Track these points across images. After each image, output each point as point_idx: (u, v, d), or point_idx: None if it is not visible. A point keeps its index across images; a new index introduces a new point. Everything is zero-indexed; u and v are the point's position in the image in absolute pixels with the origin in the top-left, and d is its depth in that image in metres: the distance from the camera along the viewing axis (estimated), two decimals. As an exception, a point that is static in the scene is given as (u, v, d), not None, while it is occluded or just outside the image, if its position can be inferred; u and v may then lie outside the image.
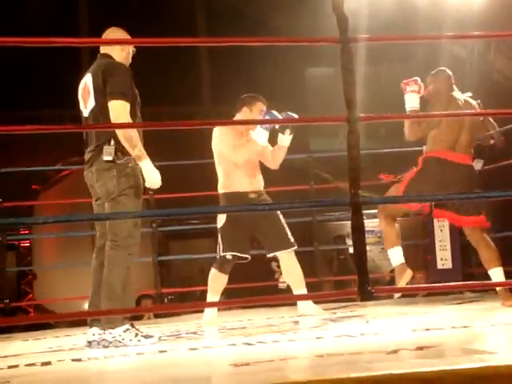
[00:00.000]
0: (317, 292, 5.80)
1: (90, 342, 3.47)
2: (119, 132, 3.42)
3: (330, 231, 9.37)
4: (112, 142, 3.44)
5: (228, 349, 3.05)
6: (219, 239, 4.42)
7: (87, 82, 3.57)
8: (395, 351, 2.37)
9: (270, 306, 5.30)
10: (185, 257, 8.53)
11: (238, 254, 4.39)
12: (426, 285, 5.67)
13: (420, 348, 2.43)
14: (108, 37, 3.65)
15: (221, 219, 4.42)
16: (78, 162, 9.74)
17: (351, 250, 8.23)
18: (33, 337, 4.66)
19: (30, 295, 9.90)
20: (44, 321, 6.57)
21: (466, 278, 5.50)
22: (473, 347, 2.42)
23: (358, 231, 2.43)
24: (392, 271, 8.80)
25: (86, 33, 10.19)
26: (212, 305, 4.47)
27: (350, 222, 2.45)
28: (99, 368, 2.84)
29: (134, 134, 3.42)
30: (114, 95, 3.42)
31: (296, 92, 10.29)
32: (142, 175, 3.50)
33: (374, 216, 9.36)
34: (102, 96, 3.46)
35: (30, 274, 10.00)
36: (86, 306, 9.65)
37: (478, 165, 5.49)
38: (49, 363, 3.00)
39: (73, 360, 3.04)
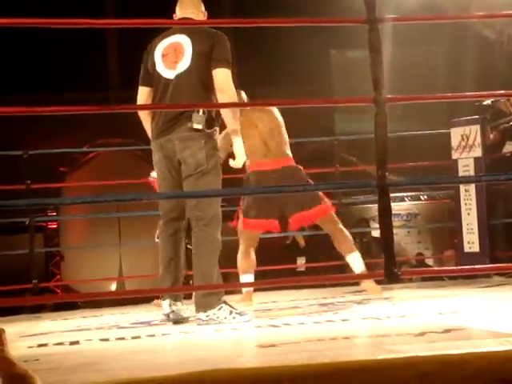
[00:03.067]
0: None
1: (167, 315, 3.44)
2: (225, 101, 3.32)
3: (353, 214, 9.34)
4: (201, 111, 3.31)
5: (254, 330, 3.07)
6: None
7: (182, 42, 3.41)
8: (422, 334, 2.36)
9: (293, 287, 5.30)
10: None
11: None
12: (452, 267, 5.64)
13: (447, 331, 2.41)
14: (186, 4, 3.56)
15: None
16: (104, 144, 9.88)
17: (375, 234, 8.30)
18: (61, 317, 4.72)
19: (58, 276, 10.02)
20: (76, 300, 6.66)
21: (493, 262, 5.46)
22: (500, 330, 2.40)
23: (385, 214, 2.42)
24: (418, 254, 8.80)
25: (111, 14, 10.18)
26: (241, 285, 4.46)
27: (374, 205, 2.45)
28: (126, 348, 2.86)
29: None
30: (223, 63, 3.34)
31: (321, 74, 10.22)
32: None
33: (400, 199, 9.37)
34: (204, 60, 3.35)
35: (57, 255, 10.10)
36: (112, 287, 9.75)
37: (509, 147, 5.44)
38: (77, 342, 3.04)
39: (100, 340, 3.07)
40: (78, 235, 10.18)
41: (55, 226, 10.17)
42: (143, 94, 3.50)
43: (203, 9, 3.60)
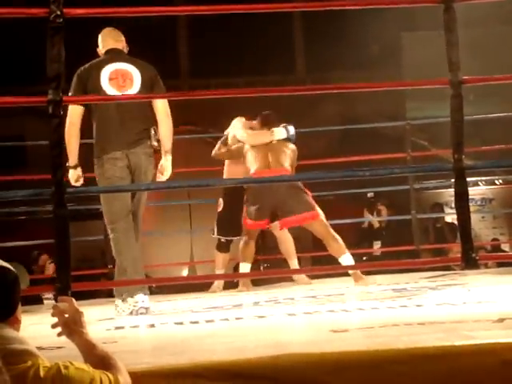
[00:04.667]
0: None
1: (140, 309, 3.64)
2: (167, 124, 3.85)
3: (426, 199, 9.19)
4: (153, 131, 3.85)
5: (326, 315, 3.06)
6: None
7: (129, 70, 3.85)
8: (501, 320, 2.30)
9: (366, 273, 5.26)
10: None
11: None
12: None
13: (527, 317, 2.35)
14: (119, 37, 3.98)
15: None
16: (174, 131, 9.97)
17: (448, 219, 8.12)
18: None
19: (131, 262, 10.20)
20: (150, 284, 6.75)
21: None
22: None
23: (462, 197, 2.38)
24: (493, 240, 8.58)
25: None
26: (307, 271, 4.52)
27: (447, 190, 2.40)
28: (200, 332, 2.90)
29: None
30: (163, 92, 3.97)
31: (391, 57, 10.05)
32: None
33: (474, 184, 9.15)
34: (148, 88, 3.84)
35: (130, 241, 10.26)
36: (184, 273, 9.88)
37: None
38: (153, 326, 3.10)
39: (175, 323, 3.12)
40: (149, 221, 10.34)
41: (128, 213, 10.35)
42: (77, 113, 3.76)
43: (123, 37, 4.01)
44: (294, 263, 5.16)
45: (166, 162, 3.87)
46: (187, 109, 9.34)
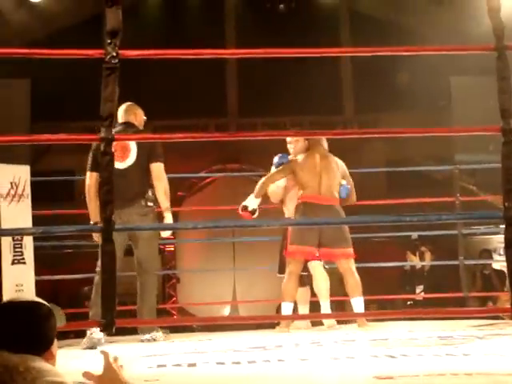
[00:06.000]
0: (462, 307, 5.61)
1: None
2: (162, 186, 4.34)
3: (474, 245, 9.03)
4: (150, 192, 4.36)
5: (371, 360, 3.01)
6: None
7: (127, 143, 4.32)
8: (552, 373, 2.23)
9: (410, 319, 5.17)
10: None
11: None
12: None
13: None
14: (131, 111, 4.53)
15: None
16: (220, 169, 10.08)
17: (496, 266, 7.95)
18: (177, 338, 4.80)
19: (174, 298, 10.24)
20: (192, 323, 6.76)
21: None
22: None
23: (512, 245, 2.33)
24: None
25: (232, 42, 10.43)
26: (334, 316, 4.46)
27: (495, 236, 2.36)
28: (242, 372, 2.87)
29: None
30: (160, 158, 4.39)
31: (440, 100, 10.02)
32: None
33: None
34: (145, 156, 4.34)
35: (173, 277, 10.34)
36: (225, 311, 9.84)
37: None
38: (194, 365, 3.08)
39: (217, 363, 3.10)
40: (193, 258, 10.40)
41: (172, 249, 10.43)
42: (92, 178, 4.35)
43: (138, 110, 4.59)
44: (325, 306, 4.90)
45: (168, 220, 4.35)
46: (234, 147, 9.45)
